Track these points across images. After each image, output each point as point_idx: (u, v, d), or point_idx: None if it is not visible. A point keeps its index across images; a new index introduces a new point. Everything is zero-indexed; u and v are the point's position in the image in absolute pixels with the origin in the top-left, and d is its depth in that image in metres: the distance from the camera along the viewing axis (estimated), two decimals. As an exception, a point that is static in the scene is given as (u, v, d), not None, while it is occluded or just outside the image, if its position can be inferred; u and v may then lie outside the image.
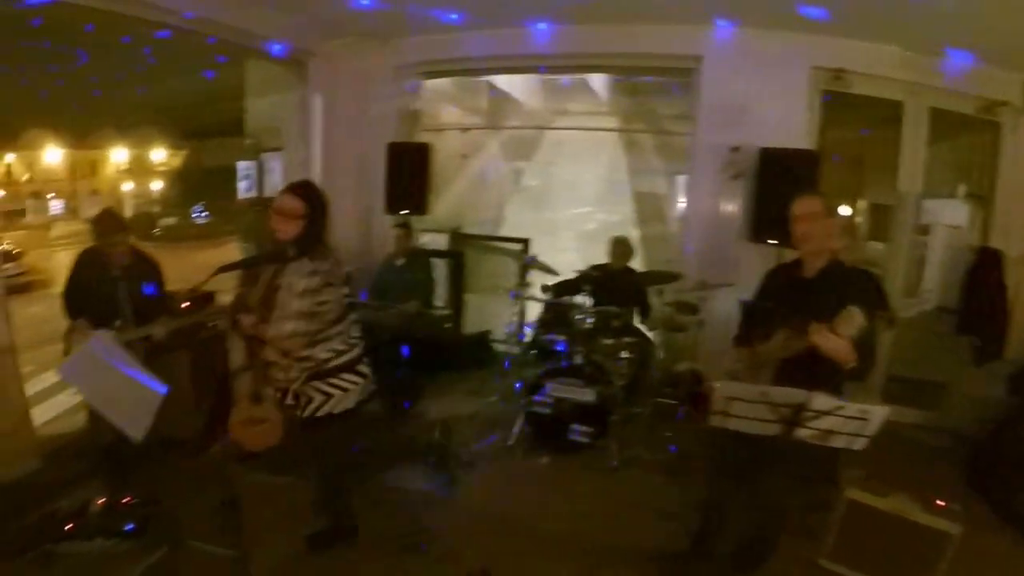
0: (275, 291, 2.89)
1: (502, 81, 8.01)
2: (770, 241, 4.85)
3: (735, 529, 3.17)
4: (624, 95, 8.71)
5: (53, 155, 34.03)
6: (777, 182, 4.70)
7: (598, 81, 8.33)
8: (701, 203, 5.50)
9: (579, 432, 4.41)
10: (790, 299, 2.83)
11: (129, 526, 3.36)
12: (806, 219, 2.80)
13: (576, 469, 4.33)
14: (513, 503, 3.91)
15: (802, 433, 2.48)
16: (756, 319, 3.02)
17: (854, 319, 2.38)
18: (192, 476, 3.80)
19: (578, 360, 4.47)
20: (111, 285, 3.48)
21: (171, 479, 3.62)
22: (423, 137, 6.67)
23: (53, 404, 5.42)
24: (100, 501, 3.49)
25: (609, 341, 4.65)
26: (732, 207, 5.33)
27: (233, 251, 19.65)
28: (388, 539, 3.40)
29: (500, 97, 8.40)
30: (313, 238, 2.92)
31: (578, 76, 8.05)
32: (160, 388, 2.72)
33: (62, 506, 3.49)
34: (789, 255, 4.68)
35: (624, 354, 4.76)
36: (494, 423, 4.95)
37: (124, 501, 3.52)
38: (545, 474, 4.33)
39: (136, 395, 2.64)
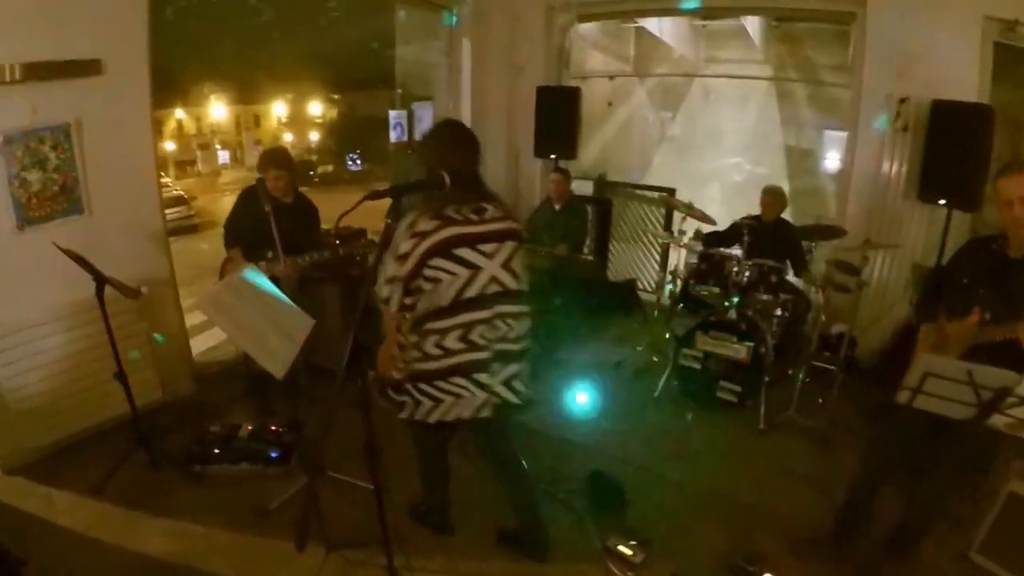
0: None
1: (652, 25, 7.70)
2: (939, 202, 4.41)
3: (887, 512, 2.97)
4: (779, 42, 8.18)
5: (219, 110, 37.18)
6: (949, 138, 4.27)
7: (753, 26, 7.84)
8: (861, 158, 5.05)
9: (727, 390, 4.25)
10: (990, 278, 2.50)
11: (274, 453, 3.59)
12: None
13: (722, 428, 4.17)
14: (656, 456, 3.83)
15: (997, 420, 2.24)
16: (945, 294, 2.71)
17: None
18: (338, 407, 4.01)
19: (732, 314, 4.27)
20: (268, 219, 3.63)
21: (317, 410, 3.77)
22: (570, 84, 6.53)
23: (211, 335, 5.89)
24: (248, 427, 3.76)
25: (765, 296, 4.38)
26: (896, 163, 4.85)
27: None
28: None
29: (648, 43, 8.11)
30: None
31: (733, 21, 7.61)
32: (305, 327, 2.76)
33: (212, 430, 3.75)
34: (959, 218, 4.31)
35: (779, 311, 4.50)
36: (640, 373, 4.88)
37: (270, 429, 3.77)
38: (690, 430, 4.20)
39: (279, 332, 2.64)
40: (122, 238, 3.92)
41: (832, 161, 7.48)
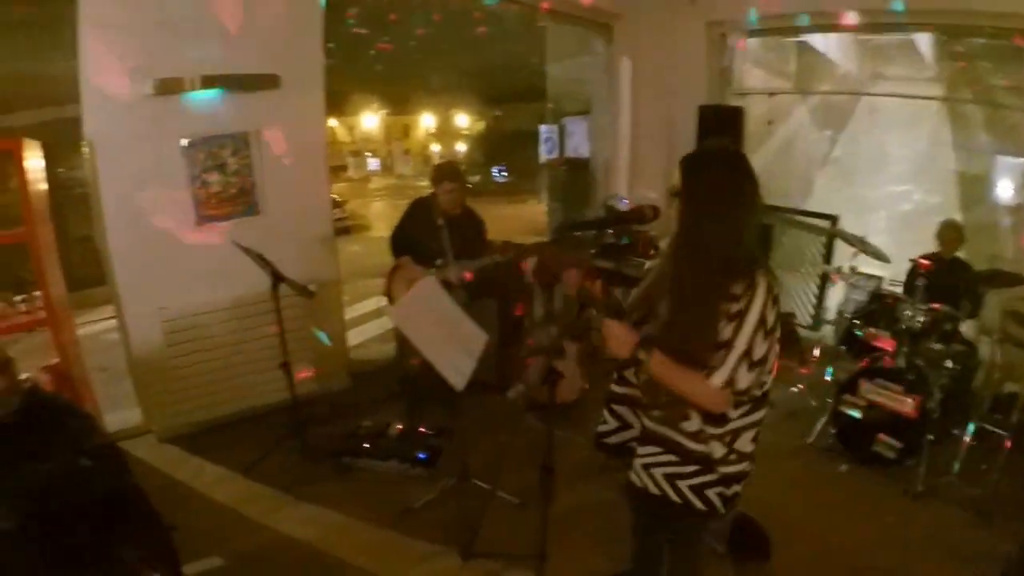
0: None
1: (817, 41, 7.28)
2: None
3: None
4: (952, 59, 7.47)
5: (370, 120, 39.48)
6: None
7: (924, 42, 7.24)
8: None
9: (886, 445, 3.87)
10: None
11: (421, 455, 3.69)
12: None
13: (874, 484, 3.81)
14: (802, 505, 3.59)
15: None
16: None
17: None
18: (488, 417, 4.06)
19: (900, 363, 3.92)
20: (438, 231, 3.74)
21: (468, 418, 3.80)
22: (728, 101, 6.31)
23: (363, 330, 6.16)
24: (399, 427, 3.90)
25: (937, 346, 3.98)
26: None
27: (531, 208, 21.20)
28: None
29: (810, 59, 7.68)
30: None
31: (903, 36, 7.06)
32: (481, 340, 2.83)
33: (364, 425, 3.94)
34: None
35: (949, 363, 4.05)
36: (793, 415, 4.57)
37: (420, 431, 3.88)
38: (840, 483, 3.88)
39: (458, 344, 2.73)
40: (293, 240, 4.22)
41: (1005, 190, 6.73)
